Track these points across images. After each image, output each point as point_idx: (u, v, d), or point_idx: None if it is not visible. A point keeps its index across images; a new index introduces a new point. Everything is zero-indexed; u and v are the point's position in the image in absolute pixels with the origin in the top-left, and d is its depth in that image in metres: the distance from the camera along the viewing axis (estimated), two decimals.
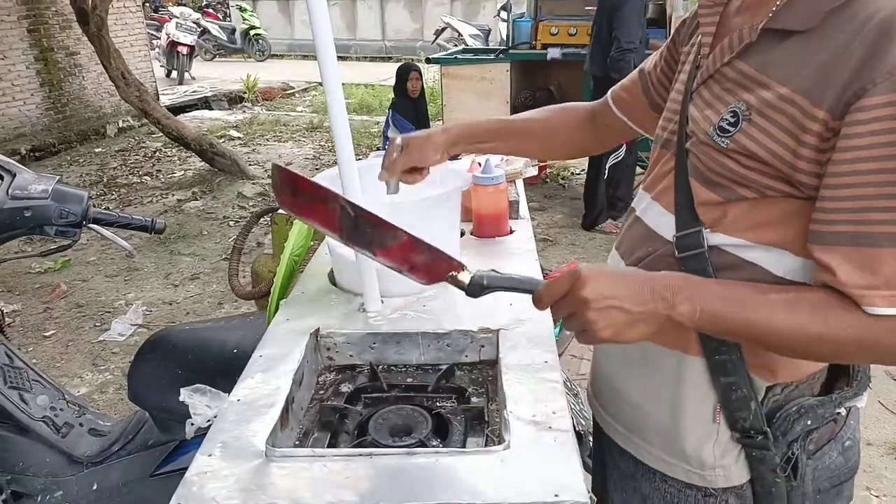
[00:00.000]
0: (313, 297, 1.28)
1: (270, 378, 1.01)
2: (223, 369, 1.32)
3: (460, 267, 0.80)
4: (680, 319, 0.75)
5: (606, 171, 4.44)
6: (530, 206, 5.04)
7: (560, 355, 1.43)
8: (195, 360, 1.36)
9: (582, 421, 1.50)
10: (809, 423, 0.85)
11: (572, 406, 1.51)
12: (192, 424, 1.19)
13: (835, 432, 0.90)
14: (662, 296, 0.75)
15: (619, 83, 1.19)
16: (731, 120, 0.80)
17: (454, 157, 1.57)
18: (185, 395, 1.18)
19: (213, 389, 1.21)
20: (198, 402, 1.17)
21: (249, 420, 0.92)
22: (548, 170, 5.82)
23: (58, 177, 1.48)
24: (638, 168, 4.64)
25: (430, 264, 0.77)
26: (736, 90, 0.81)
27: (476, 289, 0.79)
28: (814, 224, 0.74)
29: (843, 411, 0.89)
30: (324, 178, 1.32)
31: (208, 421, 1.18)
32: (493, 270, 0.80)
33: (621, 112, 1.16)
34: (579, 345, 0.92)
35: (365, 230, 0.74)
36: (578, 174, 5.94)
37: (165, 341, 1.42)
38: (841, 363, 0.89)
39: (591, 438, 1.38)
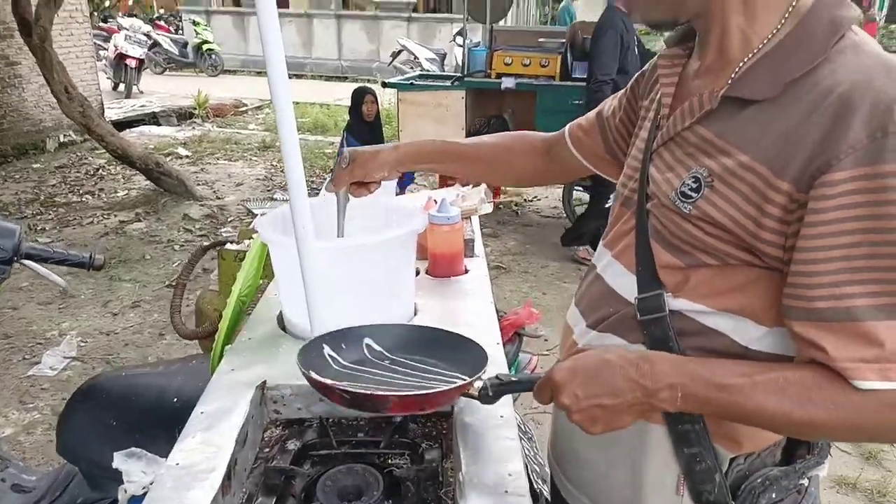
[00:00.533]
0: (260, 344, 1.22)
1: (212, 437, 0.94)
2: (163, 420, 1.24)
3: (468, 385, 0.83)
4: (662, 406, 0.75)
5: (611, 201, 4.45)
6: (484, 233, 5.06)
7: (515, 399, 1.40)
8: (132, 411, 1.28)
9: (536, 468, 1.47)
10: (774, 495, 0.84)
11: (527, 452, 1.48)
12: (126, 492, 1.11)
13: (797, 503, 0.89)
14: (640, 384, 0.74)
15: (577, 121, 1.18)
16: (693, 186, 0.79)
17: (404, 176, 1.57)
18: (118, 460, 1.10)
19: (148, 454, 1.13)
20: (133, 467, 1.09)
21: (189, 487, 0.85)
22: (501, 196, 5.86)
23: None
24: None
25: (439, 400, 0.82)
26: (697, 155, 0.80)
27: (485, 399, 0.84)
28: (790, 300, 0.73)
29: (805, 481, 0.88)
30: (275, 216, 1.27)
31: (144, 488, 1.10)
32: (496, 377, 0.84)
33: (577, 151, 1.16)
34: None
35: (364, 404, 0.83)
36: (531, 201, 5.99)
37: (99, 389, 1.33)
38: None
39: (546, 489, 1.35)
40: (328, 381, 0.83)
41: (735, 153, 0.76)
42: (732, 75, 0.79)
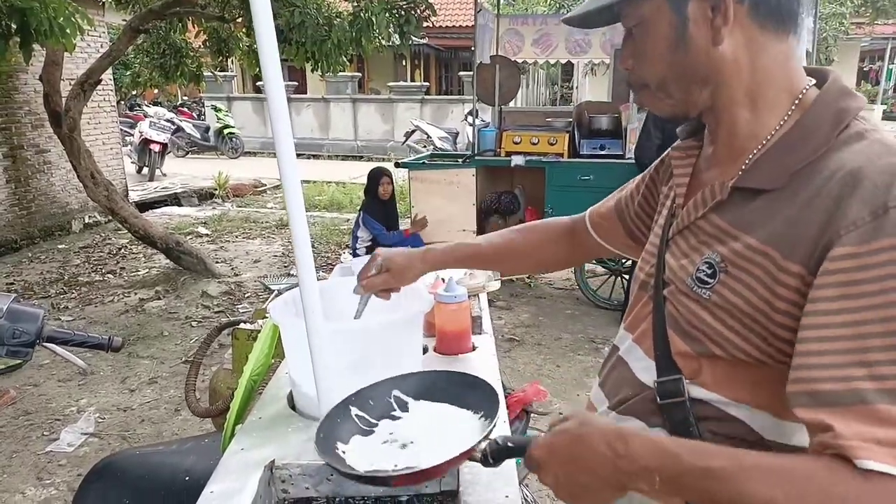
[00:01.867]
0: (270, 423, 1.25)
1: None
2: (174, 498, 1.26)
3: (470, 452, 0.82)
4: (640, 489, 0.72)
5: None
6: (497, 305, 5.07)
7: (521, 482, 1.40)
8: (145, 490, 1.30)
9: None
10: None
11: None
12: None
13: None
14: (615, 465, 0.72)
15: (597, 208, 1.22)
16: (708, 271, 0.81)
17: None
18: None
19: None
20: None
21: None
22: None
23: (14, 294, 1.46)
24: None
25: (439, 472, 0.82)
26: (710, 242, 0.83)
27: (486, 463, 0.83)
28: (793, 385, 0.70)
29: None
30: (287, 298, 1.32)
31: None
32: (495, 441, 0.83)
33: (598, 235, 1.20)
34: None
35: (371, 481, 0.87)
36: (543, 274, 6.03)
37: (114, 468, 1.36)
38: None
39: None
40: (334, 464, 0.87)
41: (744, 237, 0.78)
42: (742, 166, 0.82)
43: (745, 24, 0.80)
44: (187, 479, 1.29)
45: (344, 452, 0.89)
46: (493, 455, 0.80)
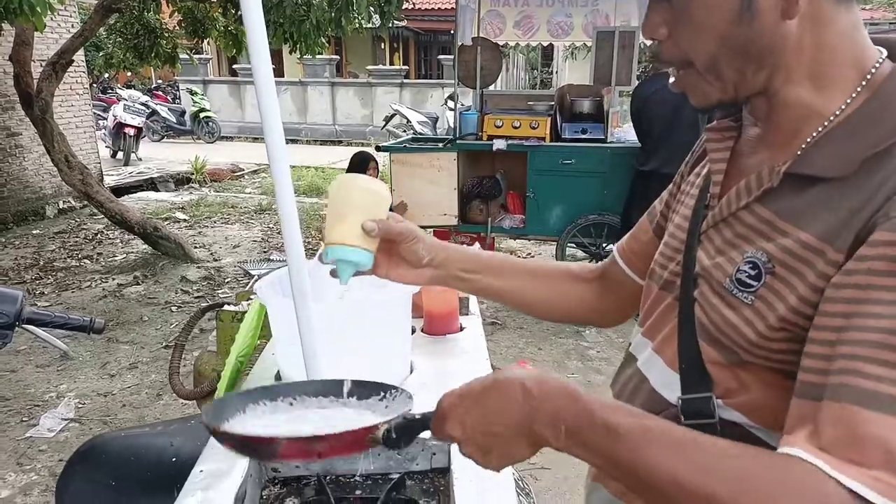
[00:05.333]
0: None
1: (211, 496, 0.96)
2: (162, 480, 1.25)
3: (371, 430, 0.69)
4: (545, 438, 0.65)
5: None
6: None
7: None
8: (131, 471, 1.29)
9: None
10: None
11: None
12: None
13: None
14: (527, 404, 0.65)
15: (624, 238, 1.03)
16: (752, 273, 0.69)
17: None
18: None
19: None
20: None
21: None
22: (496, 249, 5.92)
23: None
24: None
25: (333, 447, 0.69)
26: (753, 237, 0.71)
27: (391, 443, 0.71)
28: (801, 373, 0.63)
29: None
30: (274, 279, 1.31)
31: None
32: (402, 417, 0.71)
33: (630, 268, 1.00)
34: None
35: (253, 449, 0.72)
36: (525, 258, 6.05)
37: (98, 450, 1.34)
38: None
39: None
40: (214, 425, 0.72)
41: (796, 232, 0.67)
42: (798, 151, 0.70)
43: None
44: (174, 459, 1.28)
45: (228, 421, 0.75)
46: (398, 430, 0.71)
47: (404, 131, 11.26)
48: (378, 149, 5.46)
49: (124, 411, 3.42)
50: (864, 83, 0.68)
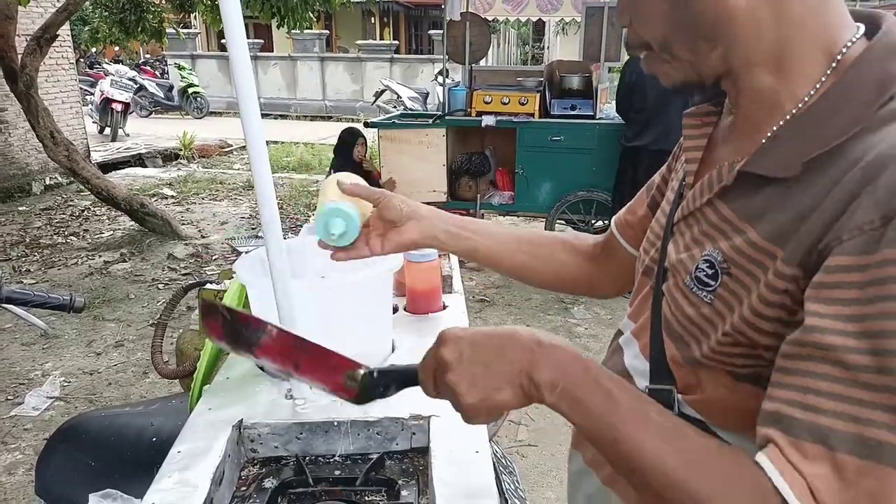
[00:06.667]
0: (238, 383, 1.23)
1: (188, 477, 0.96)
2: (141, 460, 1.25)
3: (357, 365, 0.68)
4: (538, 390, 0.62)
5: None
6: (468, 266, 5.08)
7: (491, 438, 1.42)
8: (110, 451, 1.28)
9: (517, 502, 1.48)
10: None
11: (507, 486, 1.49)
12: None
13: None
14: (529, 350, 0.63)
15: (624, 208, 1.02)
16: (710, 272, 0.67)
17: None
18: (94, 502, 1.11)
19: (124, 495, 1.13)
20: None
21: None
22: None
23: None
24: None
25: (315, 361, 0.68)
26: (714, 235, 0.69)
27: (366, 392, 0.69)
28: (766, 403, 0.59)
29: None
30: (254, 258, 1.30)
31: None
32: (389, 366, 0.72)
33: (625, 239, 0.98)
34: (516, 410, 0.77)
35: (240, 330, 0.69)
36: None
37: (79, 429, 1.34)
38: None
39: None
40: (209, 300, 0.72)
41: (748, 231, 0.64)
42: (759, 146, 0.66)
43: None
44: (154, 439, 1.28)
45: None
46: (380, 375, 0.69)
47: (394, 107, 11.17)
48: (366, 125, 5.42)
49: (110, 389, 3.41)
50: (832, 67, 0.62)
